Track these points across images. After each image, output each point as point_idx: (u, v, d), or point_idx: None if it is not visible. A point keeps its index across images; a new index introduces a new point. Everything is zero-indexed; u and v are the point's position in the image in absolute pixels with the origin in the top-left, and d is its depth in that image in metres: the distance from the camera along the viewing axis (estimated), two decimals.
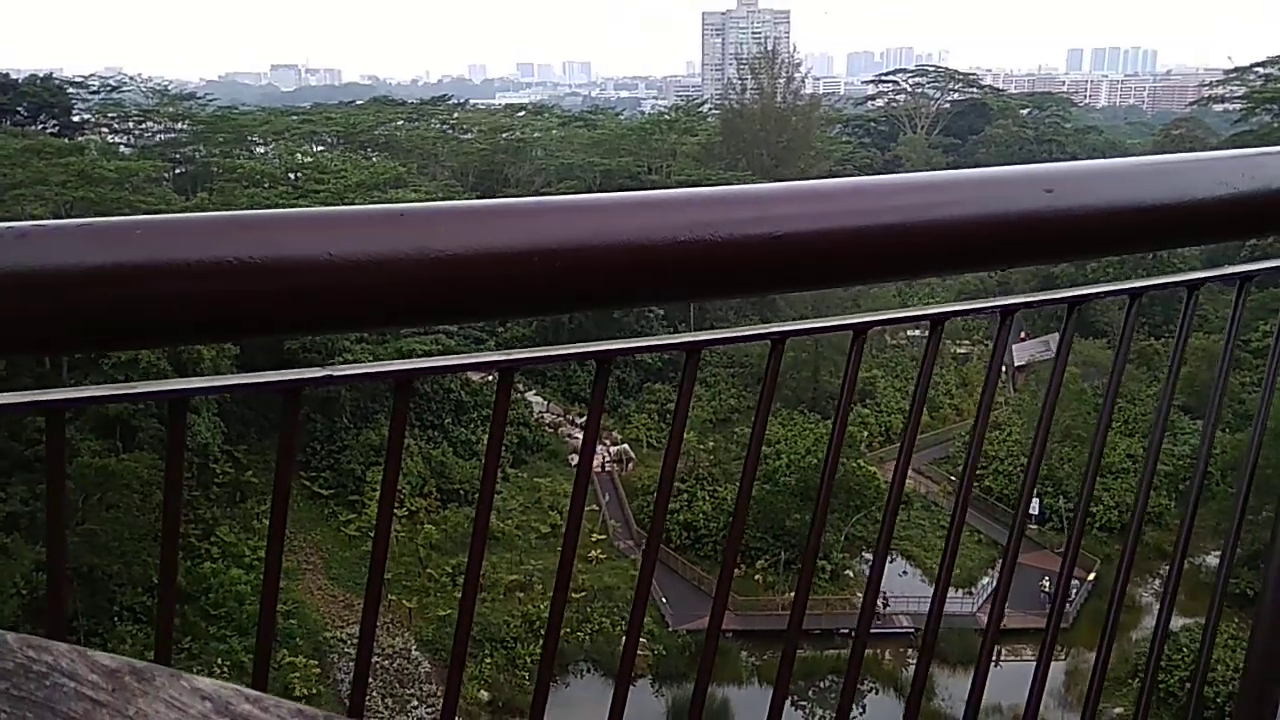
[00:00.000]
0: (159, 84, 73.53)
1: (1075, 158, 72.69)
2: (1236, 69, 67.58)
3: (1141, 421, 44.77)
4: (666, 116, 73.35)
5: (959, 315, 1.68)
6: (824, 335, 1.91)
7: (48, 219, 1.05)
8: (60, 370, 34.00)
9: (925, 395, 1.64)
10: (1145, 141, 78.97)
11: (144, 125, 62.48)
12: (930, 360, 1.61)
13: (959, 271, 1.54)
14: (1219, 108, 71.26)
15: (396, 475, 1.38)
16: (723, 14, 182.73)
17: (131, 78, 73.15)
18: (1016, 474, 40.89)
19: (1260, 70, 64.67)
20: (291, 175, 54.98)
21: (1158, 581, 38.00)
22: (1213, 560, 32.93)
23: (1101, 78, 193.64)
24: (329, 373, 1.29)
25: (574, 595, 35.74)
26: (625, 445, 45.86)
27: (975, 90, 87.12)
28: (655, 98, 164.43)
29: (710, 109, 79.18)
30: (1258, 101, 62.99)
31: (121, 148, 59.66)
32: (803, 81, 69.63)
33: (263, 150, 63.30)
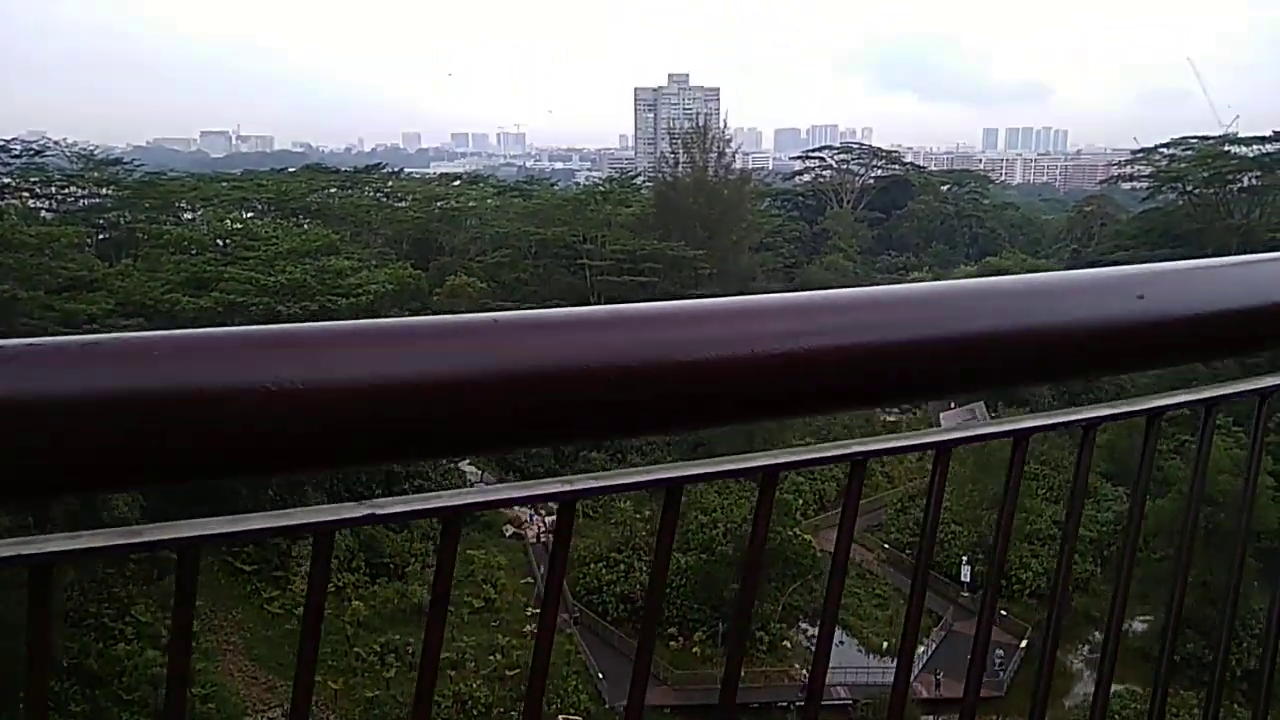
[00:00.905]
0: (84, 149, 72.25)
1: (994, 231, 75.97)
2: (1143, 150, 71.34)
3: (1064, 489, 45.91)
4: (601, 188, 74.39)
5: (1041, 430, 1.51)
6: None
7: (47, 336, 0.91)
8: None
9: (937, 522, 1.50)
10: (1060, 218, 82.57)
11: (67, 190, 61.17)
12: (939, 488, 1.48)
13: (1048, 382, 1.46)
14: (1127, 186, 74.92)
15: (443, 622, 1.19)
16: (655, 90, 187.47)
17: (56, 142, 71.81)
18: (949, 542, 41.37)
19: (1164, 151, 68.37)
20: (220, 242, 54.15)
21: (1087, 648, 38.55)
22: (1138, 625, 33.54)
23: (1016, 156, 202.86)
24: (370, 511, 1.12)
25: (508, 673, 34.79)
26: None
27: (897, 167, 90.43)
28: (590, 169, 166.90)
29: (644, 181, 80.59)
30: (1164, 180, 66.44)
31: (43, 213, 58.26)
32: (733, 156, 71.42)
33: (190, 216, 62.35)
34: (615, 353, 1.08)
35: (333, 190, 67.95)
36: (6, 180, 61.54)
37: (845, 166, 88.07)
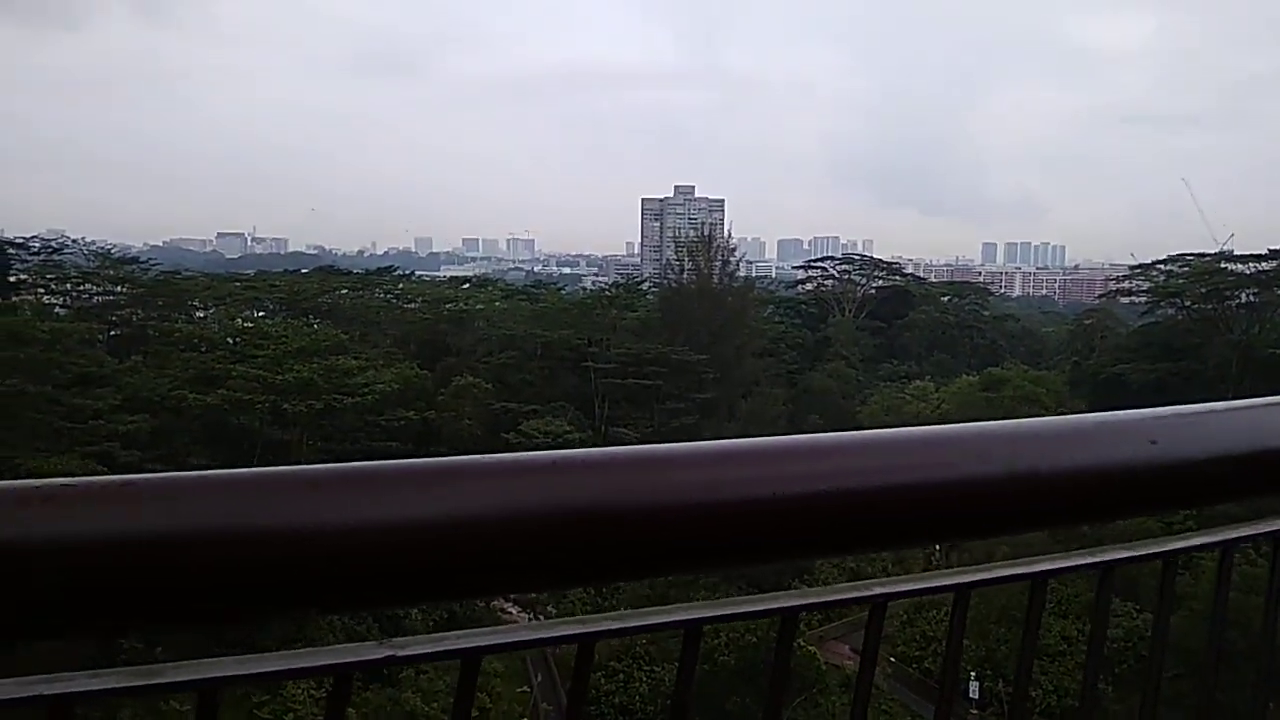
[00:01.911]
0: (102, 247, 73.76)
1: (996, 342, 76.61)
2: (1140, 265, 72.57)
3: (1074, 603, 45.07)
4: (607, 293, 75.50)
5: (1059, 574, 1.48)
6: None
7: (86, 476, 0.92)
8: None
9: (958, 666, 1.49)
10: (1060, 330, 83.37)
11: (83, 288, 62.24)
12: (959, 631, 1.45)
13: (1062, 526, 1.42)
14: (1126, 300, 75.92)
15: None
16: (661, 200, 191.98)
17: (75, 241, 73.40)
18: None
19: (1162, 267, 69.55)
20: (230, 340, 54.77)
21: None
22: None
23: (1015, 269, 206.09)
24: (390, 652, 1.10)
25: None
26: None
27: (898, 278, 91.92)
28: (596, 275, 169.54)
29: (649, 287, 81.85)
30: (1162, 296, 67.39)
31: (57, 309, 59.14)
32: (737, 264, 72.78)
33: (202, 315, 63.22)
34: (655, 493, 1.08)
35: (344, 291, 69.05)
36: (23, 277, 62.73)
37: (847, 276, 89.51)
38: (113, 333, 58.57)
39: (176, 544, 0.91)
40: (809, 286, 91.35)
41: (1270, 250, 64.84)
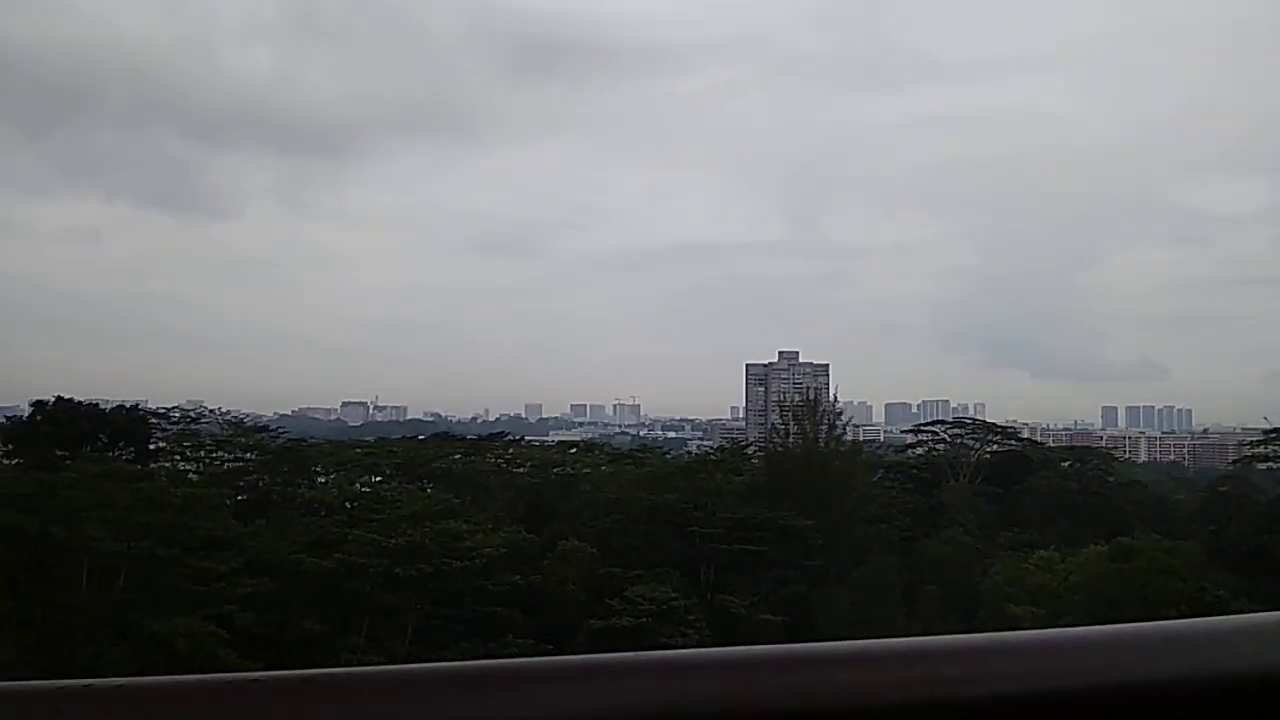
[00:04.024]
0: (235, 417, 78.35)
1: (1123, 510, 72.51)
2: (1275, 429, 68.73)
3: None
4: (712, 456, 75.37)
5: None
6: None
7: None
8: None
9: None
10: (1192, 497, 78.67)
11: (216, 454, 65.77)
12: None
13: None
14: (1262, 466, 71.56)
15: None
16: (765, 365, 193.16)
17: (212, 410, 78.24)
18: None
19: None
20: (348, 505, 56.58)
21: None
22: None
23: (1139, 434, 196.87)
24: None
25: None
26: None
27: (1014, 442, 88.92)
28: (701, 439, 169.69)
29: (755, 451, 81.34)
30: None
31: (191, 475, 62.46)
32: (844, 428, 71.95)
33: (324, 480, 65.68)
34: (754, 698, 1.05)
35: (457, 456, 70.95)
36: (162, 444, 66.86)
37: (959, 440, 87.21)
38: (240, 497, 61.24)
39: None
40: (919, 451, 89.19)
41: None
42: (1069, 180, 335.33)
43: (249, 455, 65.96)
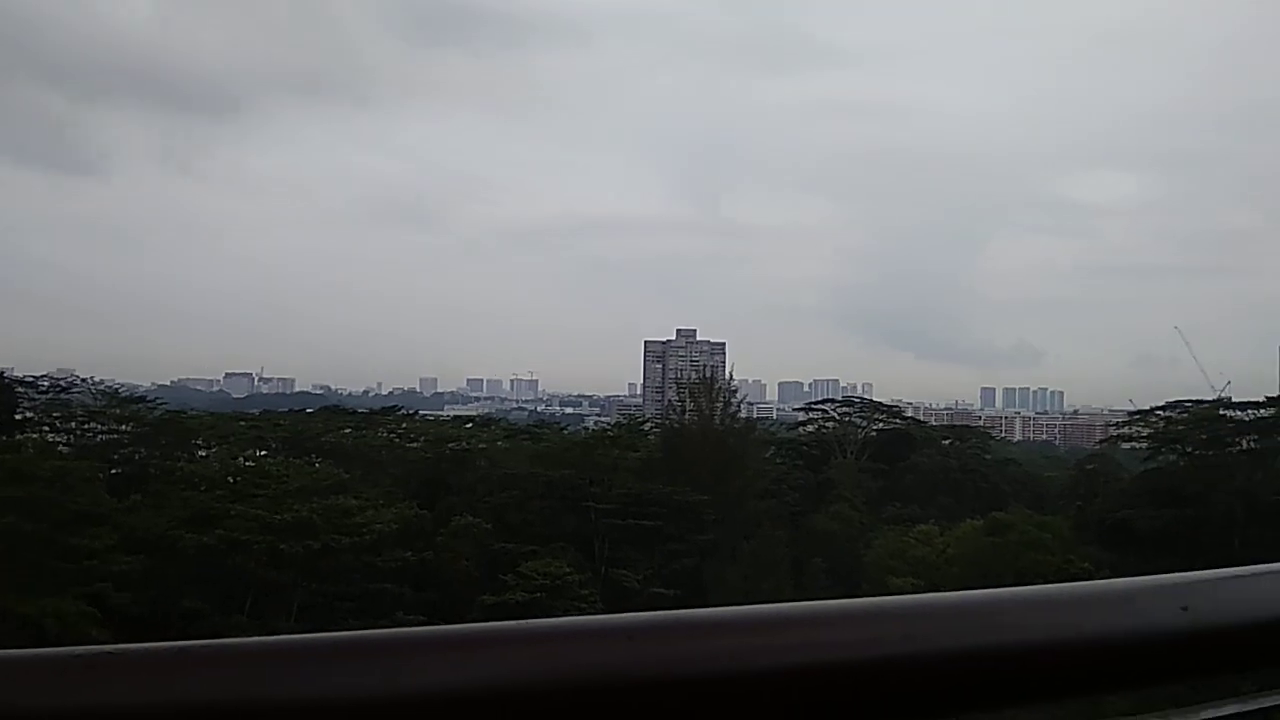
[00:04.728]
0: (110, 386, 74.55)
1: (999, 487, 76.12)
2: (1139, 411, 73.00)
3: None
4: (609, 432, 75.71)
5: None
6: None
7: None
8: None
9: None
10: (1062, 475, 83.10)
11: (88, 426, 62.59)
12: None
13: (1091, 696, 1.38)
14: (1126, 445, 75.97)
15: None
16: (664, 343, 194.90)
17: (84, 380, 74.18)
18: None
19: (1161, 413, 69.91)
20: (231, 479, 54.71)
21: None
22: None
23: (1015, 414, 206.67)
24: None
25: None
26: None
27: (899, 421, 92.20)
28: (599, 415, 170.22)
29: (651, 427, 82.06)
30: (1163, 442, 67.48)
31: (61, 447, 59.31)
32: (739, 406, 73.24)
33: (204, 454, 63.30)
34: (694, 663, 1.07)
35: (347, 430, 69.32)
36: (30, 415, 63.21)
37: (848, 419, 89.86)
38: (114, 471, 58.52)
39: (231, 715, 0.87)
40: (810, 428, 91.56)
41: (1268, 398, 65.47)
42: (954, 169, 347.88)
43: (124, 427, 62.98)
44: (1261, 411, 64.95)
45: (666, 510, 56.80)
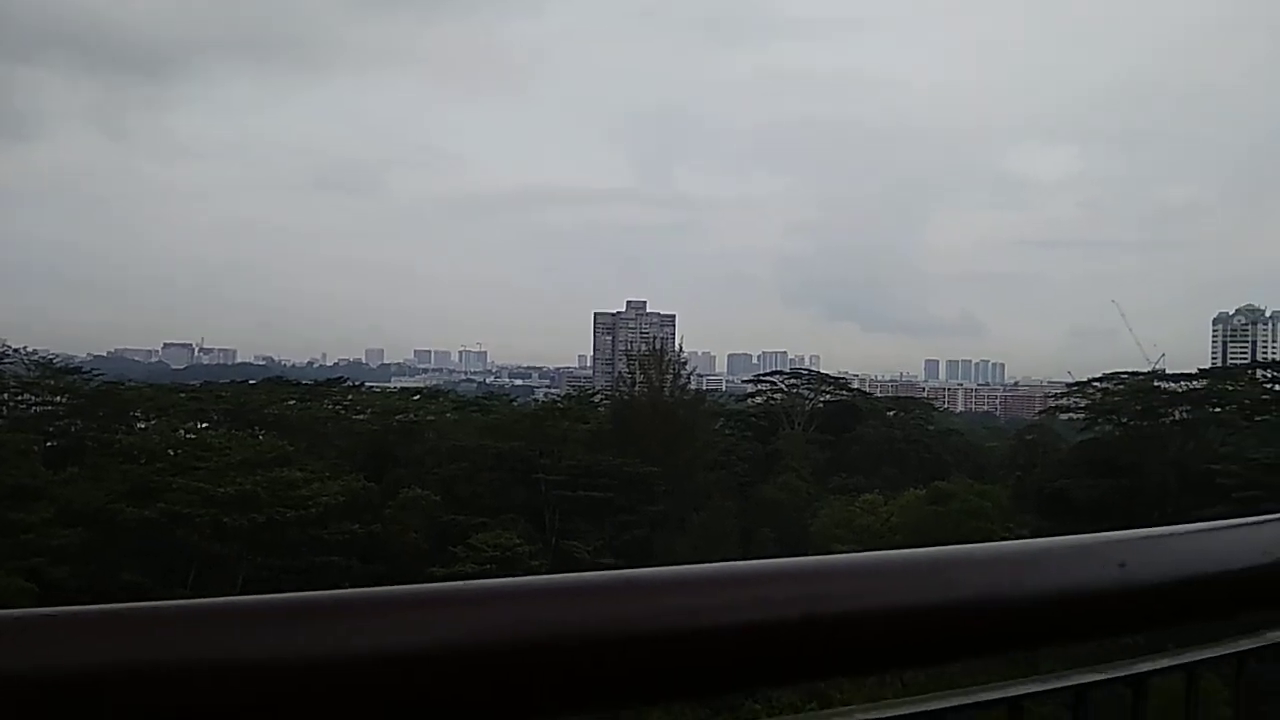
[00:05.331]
0: (44, 357, 72.35)
1: (941, 457, 77.72)
2: (1078, 383, 74.83)
3: None
4: (559, 404, 75.64)
5: (1034, 696, 1.47)
6: None
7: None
8: None
9: None
10: (1002, 445, 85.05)
11: (21, 397, 60.83)
12: None
13: (1030, 649, 1.45)
14: (1064, 416, 77.90)
15: None
16: (614, 315, 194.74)
17: (16, 350, 71.83)
18: None
19: (1098, 385, 71.77)
20: (171, 452, 53.60)
21: None
22: None
23: (958, 385, 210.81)
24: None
25: None
26: None
27: (845, 393, 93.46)
28: (549, 387, 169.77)
29: (601, 399, 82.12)
30: (1099, 413, 69.35)
31: None
32: (688, 378, 73.63)
33: (144, 426, 61.91)
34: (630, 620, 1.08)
35: (292, 402, 68.25)
36: None
37: (795, 390, 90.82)
38: (50, 444, 57.04)
39: (163, 678, 0.86)
40: (758, 400, 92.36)
41: (1200, 370, 67.60)
42: (901, 143, 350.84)
43: (59, 399, 61.29)
44: (1194, 383, 67.09)
45: (616, 482, 56.99)
